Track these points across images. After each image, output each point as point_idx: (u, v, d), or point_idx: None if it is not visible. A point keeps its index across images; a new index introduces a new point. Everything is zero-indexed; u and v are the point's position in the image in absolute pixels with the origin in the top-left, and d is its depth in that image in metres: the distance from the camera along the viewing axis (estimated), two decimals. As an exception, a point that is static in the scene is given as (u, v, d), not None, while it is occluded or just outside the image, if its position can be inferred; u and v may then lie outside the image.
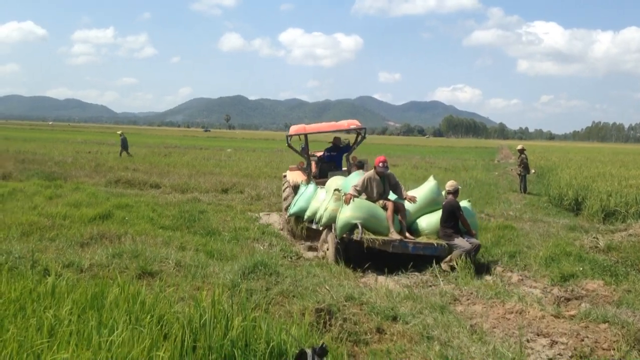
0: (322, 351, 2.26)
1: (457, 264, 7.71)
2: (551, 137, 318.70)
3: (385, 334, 4.88)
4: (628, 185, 14.84)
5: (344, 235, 8.07)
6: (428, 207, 8.75)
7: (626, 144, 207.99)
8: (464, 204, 8.63)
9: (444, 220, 8.25)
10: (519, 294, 6.34)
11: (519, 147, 20.61)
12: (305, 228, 9.94)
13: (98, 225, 9.47)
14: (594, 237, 9.62)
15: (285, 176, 11.77)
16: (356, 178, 8.94)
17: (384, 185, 8.65)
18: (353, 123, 11.27)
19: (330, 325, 4.98)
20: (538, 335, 4.97)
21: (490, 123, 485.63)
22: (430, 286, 7.15)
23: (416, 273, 7.83)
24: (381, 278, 7.56)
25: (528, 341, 4.85)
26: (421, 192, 8.90)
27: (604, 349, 4.67)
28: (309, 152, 11.61)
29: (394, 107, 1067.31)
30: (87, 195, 13.01)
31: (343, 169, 11.60)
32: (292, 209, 10.18)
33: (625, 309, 5.72)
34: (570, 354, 4.60)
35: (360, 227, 7.86)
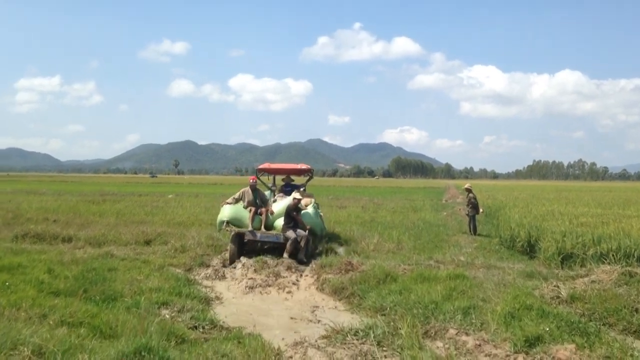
0: None
1: (289, 251, 11.49)
2: (495, 176, 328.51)
3: None
4: (580, 224, 14.13)
5: (222, 228, 12.54)
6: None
7: (566, 181, 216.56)
8: (310, 207, 13.11)
9: (284, 219, 11.94)
10: (478, 370, 5.05)
11: (466, 185, 19.83)
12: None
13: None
14: (554, 286, 8.53)
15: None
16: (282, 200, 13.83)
17: (254, 197, 12.87)
18: (304, 165, 15.18)
19: None
20: None
21: (437, 163, 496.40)
22: (369, 362, 5.74)
23: (354, 342, 6.45)
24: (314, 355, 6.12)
25: None
26: (280, 206, 12.93)
27: None
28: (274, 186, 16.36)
29: (343, 149, 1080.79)
30: (-23, 255, 11.02)
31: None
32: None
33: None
34: None
35: (225, 223, 12.40)
